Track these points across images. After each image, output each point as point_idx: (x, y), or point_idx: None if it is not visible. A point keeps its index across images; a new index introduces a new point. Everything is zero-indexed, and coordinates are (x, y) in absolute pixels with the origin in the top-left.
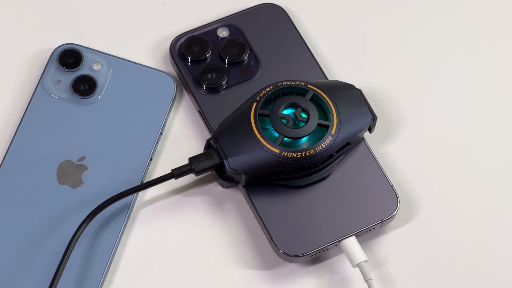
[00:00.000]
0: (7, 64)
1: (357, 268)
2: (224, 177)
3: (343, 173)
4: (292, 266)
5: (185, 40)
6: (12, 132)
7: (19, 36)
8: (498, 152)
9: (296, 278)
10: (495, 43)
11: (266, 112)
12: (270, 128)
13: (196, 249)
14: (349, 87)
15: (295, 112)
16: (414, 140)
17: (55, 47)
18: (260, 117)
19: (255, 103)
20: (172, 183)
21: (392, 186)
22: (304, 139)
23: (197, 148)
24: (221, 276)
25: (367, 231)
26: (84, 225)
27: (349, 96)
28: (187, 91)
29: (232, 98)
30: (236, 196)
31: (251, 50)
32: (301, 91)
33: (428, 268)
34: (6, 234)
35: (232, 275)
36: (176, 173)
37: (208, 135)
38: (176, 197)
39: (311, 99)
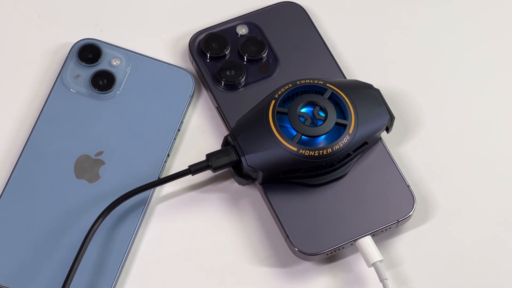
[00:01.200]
0: (26, 58)
1: (372, 268)
2: (241, 174)
3: (359, 172)
4: (307, 264)
5: (204, 37)
6: (31, 126)
7: (39, 30)
8: None
9: (311, 276)
10: None
11: (284, 110)
12: (288, 126)
13: (211, 245)
14: (368, 87)
15: (313, 110)
16: (431, 140)
17: (75, 42)
18: (278, 114)
19: (273, 101)
20: (189, 179)
21: (408, 186)
22: (322, 137)
23: (214, 145)
24: (235, 273)
25: (383, 231)
26: (101, 219)
27: (367, 95)
28: (205, 87)
29: (250, 95)
30: (252, 194)
31: (270, 48)
32: (320, 90)
33: (444, 269)
34: (23, 227)
35: (246, 272)
36: (193, 169)
37: (226, 132)
38: (193, 193)
39: (329, 98)
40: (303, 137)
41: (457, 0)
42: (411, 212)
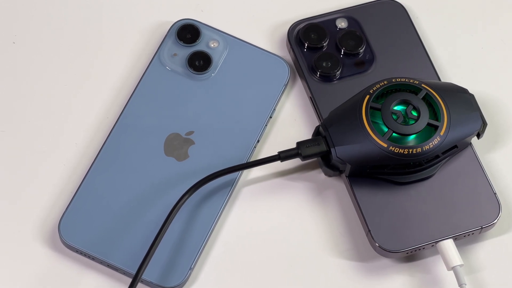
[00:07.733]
0: (127, 33)
1: (451, 272)
2: (329, 165)
3: (446, 175)
4: (385, 261)
5: (303, 27)
6: (125, 99)
7: (141, 6)
8: None
9: (388, 273)
10: None
11: (378, 106)
12: (380, 122)
13: (292, 233)
14: (462, 91)
15: (406, 109)
16: None
17: (175, 21)
18: (371, 110)
19: (367, 96)
20: (277, 166)
21: (495, 194)
22: (412, 136)
23: (304, 134)
24: (313, 262)
25: (465, 236)
26: (187, 196)
27: (462, 99)
28: (300, 77)
29: (344, 88)
30: (338, 186)
31: (368, 44)
32: (414, 89)
33: None
34: (109, 197)
35: (324, 262)
36: (283, 156)
37: (317, 123)
38: (279, 180)
39: (423, 98)
40: (394, 134)
41: None
42: (496, 220)
